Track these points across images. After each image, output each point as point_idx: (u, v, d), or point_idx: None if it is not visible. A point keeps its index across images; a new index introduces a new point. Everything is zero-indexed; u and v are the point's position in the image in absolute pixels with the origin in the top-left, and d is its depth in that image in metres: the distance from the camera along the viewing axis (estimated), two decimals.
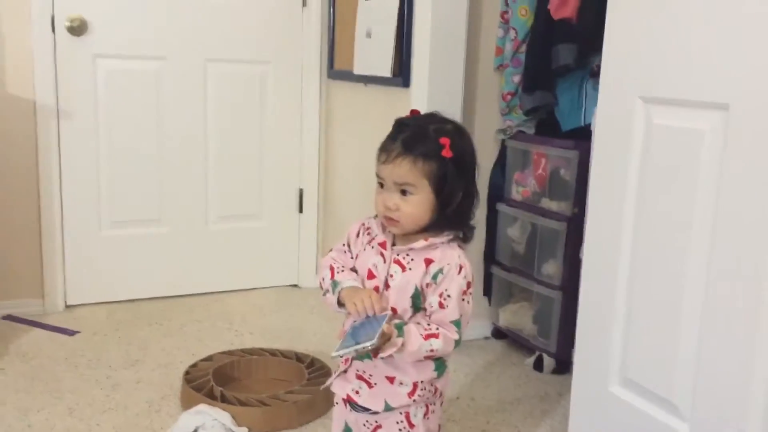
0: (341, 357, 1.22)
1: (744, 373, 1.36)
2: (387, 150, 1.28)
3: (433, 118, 1.35)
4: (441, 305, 1.27)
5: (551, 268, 2.37)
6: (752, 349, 1.34)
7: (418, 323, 1.27)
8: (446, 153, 1.25)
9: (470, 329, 2.58)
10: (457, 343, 1.28)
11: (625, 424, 1.65)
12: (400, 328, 1.24)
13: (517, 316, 2.55)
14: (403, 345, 1.23)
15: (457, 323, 1.27)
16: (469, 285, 1.30)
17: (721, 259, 1.40)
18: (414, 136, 1.28)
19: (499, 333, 2.67)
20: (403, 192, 1.27)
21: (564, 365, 2.37)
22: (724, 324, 1.40)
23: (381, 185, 1.30)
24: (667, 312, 1.54)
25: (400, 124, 1.32)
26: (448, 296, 1.26)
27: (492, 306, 2.65)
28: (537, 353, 2.44)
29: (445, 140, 1.26)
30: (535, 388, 2.30)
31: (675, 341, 1.52)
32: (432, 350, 1.25)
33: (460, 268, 1.29)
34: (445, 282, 1.27)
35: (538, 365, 2.42)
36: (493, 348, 2.61)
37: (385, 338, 1.21)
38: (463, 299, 1.28)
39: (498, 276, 2.60)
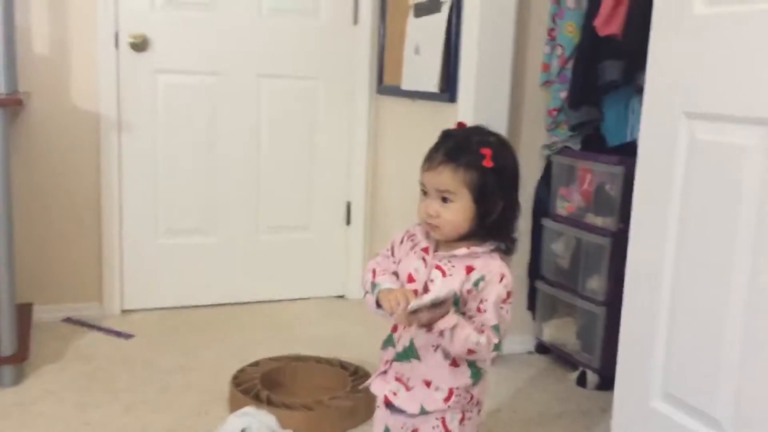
0: (416, 308, 1.22)
1: None
2: (430, 158, 1.33)
3: (479, 130, 1.40)
4: (479, 310, 1.30)
5: (595, 284, 2.37)
6: None
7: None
8: (487, 163, 1.29)
9: (514, 344, 2.63)
10: (497, 347, 1.30)
11: None
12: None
13: (561, 332, 2.55)
14: (456, 326, 1.25)
15: (496, 328, 1.30)
16: (509, 294, 1.33)
17: (765, 275, 1.40)
18: (457, 146, 1.32)
19: (542, 348, 2.67)
20: (444, 199, 1.31)
21: (608, 381, 2.34)
22: (766, 339, 1.40)
23: (424, 192, 1.35)
24: (709, 327, 1.54)
25: (445, 135, 1.37)
26: (486, 301, 1.30)
27: (536, 321, 2.66)
28: (581, 369, 2.43)
29: (486, 151, 1.30)
30: (578, 403, 2.30)
31: (717, 356, 1.51)
32: (477, 344, 1.27)
33: (502, 276, 1.32)
34: (486, 289, 1.30)
35: (582, 381, 2.41)
36: (537, 363, 2.61)
37: (449, 305, 1.23)
38: (501, 308, 1.31)
39: (542, 291, 2.61)
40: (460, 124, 1.43)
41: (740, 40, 1.44)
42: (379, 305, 1.35)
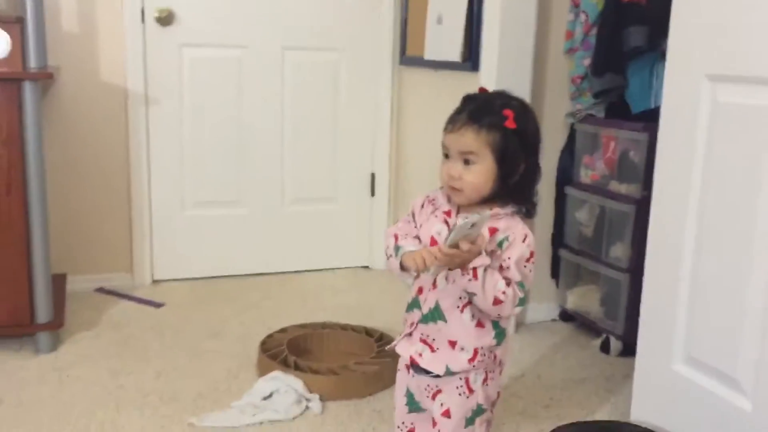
0: (454, 240, 1.23)
1: None
2: (453, 120, 1.35)
3: (501, 94, 1.40)
4: (501, 268, 1.31)
5: (619, 251, 2.38)
6: None
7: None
8: (509, 124, 1.30)
9: (538, 311, 2.65)
10: (522, 302, 1.32)
11: (688, 401, 1.67)
12: None
13: (585, 299, 2.56)
14: (487, 269, 1.27)
15: (520, 284, 1.31)
16: (532, 254, 1.34)
17: None
18: (479, 108, 1.33)
19: (566, 315, 2.68)
20: (466, 162, 1.33)
21: (631, 348, 2.35)
22: None
23: (446, 156, 1.36)
24: (731, 290, 1.54)
25: (468, 99, 1.38)
26: (509, 258, 1.31)
27: (560, 289, 2.67)
28: (604, 335, 2.45)
29: (508, 112, 1.31)
30: (601, 369, 2.32)
31: (739, 319, 1.52)
32: (505, 293, 1.28)
33: (525, 236, 1.33)
34: (510, 249, 1.32)
35: (605, 347, 2.43)
36: (560, 330, 2.63)
37: (481, 227, 1.23)
38: (525, 266, 1.33)
39: (566, 259, 2.62)
40: (482, 89, 1.43)
41: (761, 1, 1.42)
42: (403, 268, 1.37)
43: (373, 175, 3.28)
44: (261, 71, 3.02)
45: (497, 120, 1.31)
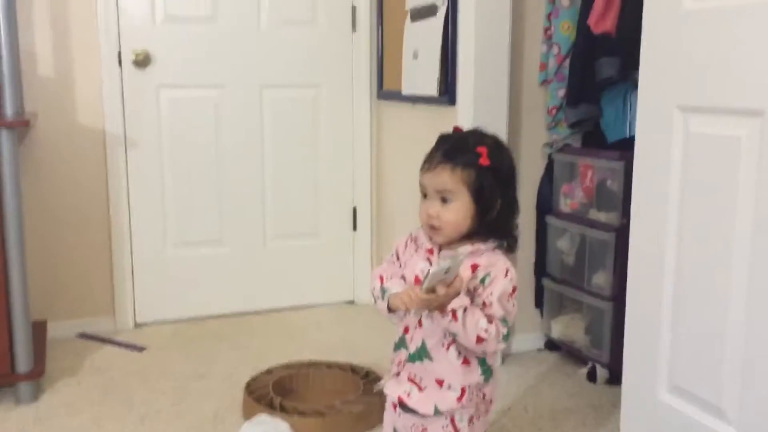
0: (431, 284, 1.25)
1: None
2: (429, 160, 1.37)
3: (475, 132, 1.43)
4: (485, 304, 1.32)
5: (601, 279, 2.39)
6: None
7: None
8: (484, 161, 1.32)
9: (523, 341, 2.65)
10: (505, 338, 1.32)
11: (675, 431, 1.66)
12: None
13: (570, 328, 2.57)
14: (467, 309, 1.28)
15: (503, 320, 1.32)
16: (514, 289, 1.35)
17: (764, 264, 1.42)
18: (454, 146, 1.36)
19: (552, 345, 2.68)
20: (444, 200, 1.34)
21: (618, 376, 2.35)
22: None
23: (424, 195, 1.38)
24: (713, 319, 1.55)
25: (442, 138, 1.41)
26: (491, 294, 1.32)
27: (544, 318, 2.67)
28: (590, 364, 2.45)
29: (482, 150, 1.33)
30: (589, 398, 2.31)
31: (721, 346, 1.53)
32: (487, 331, 1.28)
33: (506, 271, 1.34)
34: (492, 285, 1.33)
35: (592, 376, 2.43)
36: (546, 359, 2.63)
37: (457, 270, 1.25)
38: (508, 301, 1.33)
39: (549, 288, 2.62)
40: (457, 128, 1.46)
41: (727, 34, 1.46)
42: (391, 310, 1.39)
43: (354, 209, 3.28)
44: (239, 110, 3.03)
45: (472, 158, 1.33)
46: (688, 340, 1.63)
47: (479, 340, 1.29)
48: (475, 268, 1.34)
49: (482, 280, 1.33)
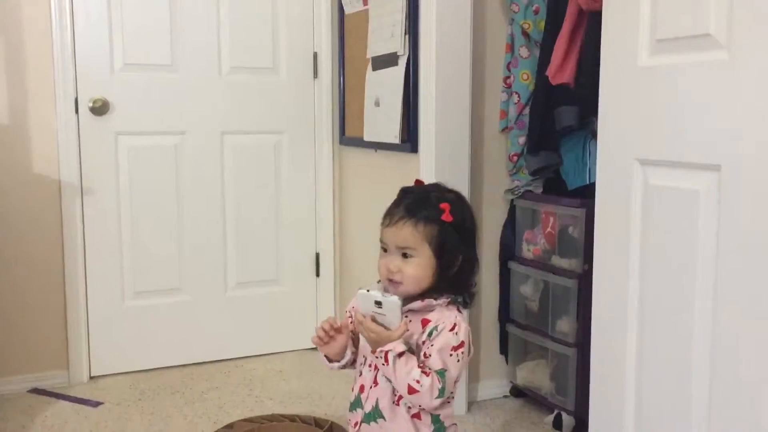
0: (365, 301, 1.32)
1: (754, 426, 1.38)
2: (390, 214, 1.37)
3: (437, 187, 1.44)
4: (425, 355, 1.32)
5: (565, 326, 2.39)
6: (762, 402, 1.36)
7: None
8: (446, 217, 1.33)
9: (488, 388, 2.63)
10: (441, 392, 1.30)
11: None
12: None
13: (535, 374, 2.56)
14: (401, 355, 1.28)
15: (441, 373, 1.30)
16: (462, 344, 1.34)
17: (726, 315, 1.43)
18: (416, 201, 1.36)
19: (517, 391, 2.67)
20: (405, 255, 1.33)
21: (584, 423, 2.35)
22: (732, 377, 1.42)
23: (384, 249, 1.37)
24: (676, 369, 1.55)
25: (404, 192, 1.41)
26: (433, 346, 1.32)
27: (509, 364, 2.66)
28: (556, 411, 2.43)
29: (445, 206, 1.34)
30: None
31: (687, 398, 1.53)
32: (418, 382, 1.28)
33: (454, 326, 1.34)
34: (436, 338, 1.33)
35: (558, 424, 2.41)
36: (512, 407, 2.61)
37: (395, 312, 1.30)
38: (451, 354, 1.32)
39: (513, 334, 2.62)
40: (418, 182, 1.46)
41: (682, 90, 1.49)
42: (329, 360, 1.44)
43: (317, 255, 3.25)
44: (200, 156, 2.99)
45: (434, 213, 1.33)
46: (653, 391, 1.63)
47: (411, 390, 1.29)
48: (425, 323, 1.35)
49: (429, 334, 1.33)
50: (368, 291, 1.30)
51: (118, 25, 2.81)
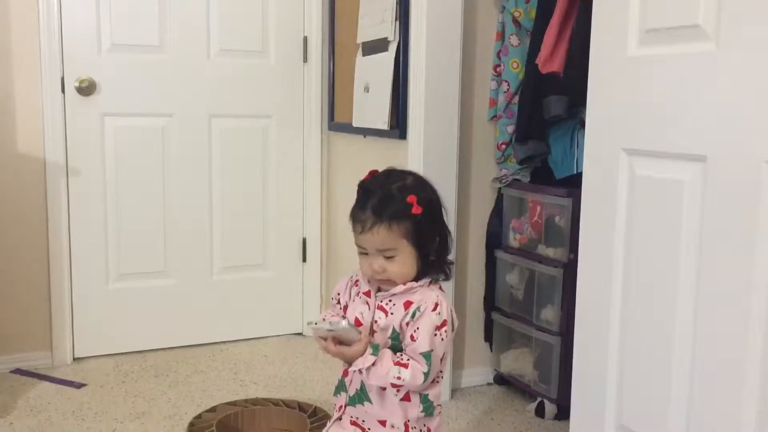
0: (318, 332, 1.35)
1: (734, 420, 1.39)
2: (360, 220, 1.35)
3: (392, 175, 1.42)
4: (412, 338, 1.34)
5: (550, 314, 2.40)
6: (740, 395, 1.38)
7: (395, 353, 1.35)
8: (416, 210, 1.33)
9: (472, 375, 2.64)
10: (426, 375, 1.33)
11: None
12: (376, 348, 1.33)
13: (518, 362, 2.57)
14: (374, 364, 1.31)
15: (426, 355, 1.32)
16: (444, 323, 1.35)
17: (707, 306, 1.44)
18: (381, 202, 1.34)
19: (501, 379, 2.68)
20: (386, 256, 1.34)
21: (565, 411, 2.36)
22: (712, 369, 1.43)
23: (363, 253, 1.37)
24: (658, 358, 1.57)
25: (365, 190, 1.38)
26: (418, 329, 1.33)
27: (493, 352, 2.68)
28: (538, 399, 2.45)
29: (411, 198, 1.33)
30: None
31: (667, 387, 1.54)
32: (399, 378, 1.31)
33: (436, 305, 1.35)
34: (420, 319, 1.34)
35: (540, 411, 2.43)
36: (495, 394, 2.62)
37: (353, 338, 1.31)
38: (435, 334, 1.34)
39: (498, 322, 2.63)
40: (372, 172, 1.43)
41: (670, 80, 1.49)
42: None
43: (304, 240, 3.25)
44: (187, 139, 2.97)
45: (403, 209, 1.33)
46: (634, 380, 1.64)
47: (396, 386, 1.34)
48: (408, 305, 1.36)
49: (412, 315, 1.35)
50: (316, 324, 1.33)
51: (106, 4, 2.78)
